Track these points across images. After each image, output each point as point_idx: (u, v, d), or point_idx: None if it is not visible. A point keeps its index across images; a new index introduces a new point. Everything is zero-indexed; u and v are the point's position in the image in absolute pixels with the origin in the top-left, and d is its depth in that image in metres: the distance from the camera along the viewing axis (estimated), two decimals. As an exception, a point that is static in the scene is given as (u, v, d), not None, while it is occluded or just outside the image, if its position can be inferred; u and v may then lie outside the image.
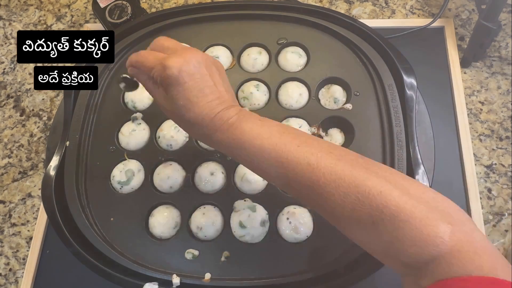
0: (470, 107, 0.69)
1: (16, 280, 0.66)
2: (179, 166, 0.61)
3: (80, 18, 0.86)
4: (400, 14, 0.78)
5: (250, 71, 0.67)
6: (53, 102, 0.79)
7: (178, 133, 0.62)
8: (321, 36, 0.67)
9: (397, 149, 0.57)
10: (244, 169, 0.59)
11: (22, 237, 0.69)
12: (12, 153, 0.76)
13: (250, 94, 0.63)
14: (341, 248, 0.54)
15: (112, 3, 0.75)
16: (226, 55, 0.68)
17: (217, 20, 0.71)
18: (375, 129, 0.60)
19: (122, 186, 0.60)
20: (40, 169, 0.74)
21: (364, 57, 0.64)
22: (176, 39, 0.69)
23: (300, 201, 0.56)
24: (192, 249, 0.56)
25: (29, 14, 0.89)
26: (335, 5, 0.80)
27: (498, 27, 0.64)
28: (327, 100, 0.64)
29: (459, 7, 0.77)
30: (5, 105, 0.80)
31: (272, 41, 0.68)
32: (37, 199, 0.71)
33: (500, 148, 0.66)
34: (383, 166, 0.40)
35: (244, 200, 0.58)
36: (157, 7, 0.85)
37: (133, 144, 0.63)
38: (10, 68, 0.84)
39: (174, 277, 0.54)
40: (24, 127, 0.78)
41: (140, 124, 0.64)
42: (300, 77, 0.65)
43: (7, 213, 0.71)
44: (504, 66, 0.71)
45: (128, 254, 0.56)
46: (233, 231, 0.57)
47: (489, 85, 0.70)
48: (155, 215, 0.58)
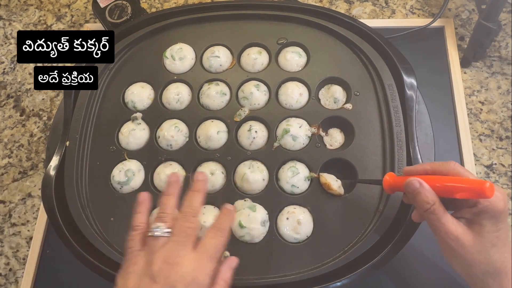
0: (470, 107, 0.69)
1: (16, 280, 0.66)
2: (179, 166, 0.61)
3: (80, 18, 0.86)
4: (400, 14, 0.78)
5: (250, 71, 0.67)
6: (53, 102, 0.79)
7: (178, 133, 0.62)
8: (321, 36, 0.67)
9: (397, 149, 0.57)
10: (244, 169, 0.59)
11: (22, 237, 0.69)
12: (12, 153, 0.76)
13: (250, 94, 0.64)
14: (341, 248, 0.54)
15: (112, 3, 0.75)
16: (226, 55, 0.68)
17: (217, 20, 0.71)
18: (375, 129, 0.60)
19: (122, 186, 0.60)
20: (40, 169, 0.74)
21: (364, 57, 0.64)
22: (176, 39, 0.70)
23: None
24: (192, 249, 0.56)
25: (29, 14, 0.89)
26: (335, 5, 0.80)
27: (498, 27, 0.64)
28: (327, 100, 0.64)
29: (459, 7, 0.77)
30: (5, 105, 0.80)
31: (272, 41, 0.68)
32: (37, 199, 0.71)
33: (500, 148, 0.66)
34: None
35: (244, 200, 0.58)
36: (157, 7, 0.85)
37: (133, 144, 0.63)
38: (10, 68, 0.84)
39: (174, 277, 0.54)
40: (24, 127, 0.78)
41: (140, 124, 0.64)
42: (300, 77, 0.65)
43: (7, 213, 0.71)
44: (504, 66, 0.71)
45: (128, 254, 0.56)
46: (233, 231, 0.56)
47: (489, 85, 0.70)
48: (155, 215, 0.58)
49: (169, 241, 0.41)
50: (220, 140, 0.62)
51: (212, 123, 0.63)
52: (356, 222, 0.55)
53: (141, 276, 0.40)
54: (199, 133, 0.63)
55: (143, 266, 0.40)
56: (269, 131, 0.62)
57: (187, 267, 0.40)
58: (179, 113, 0.65)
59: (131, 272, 0.40)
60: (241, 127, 0.63)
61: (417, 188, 0.43)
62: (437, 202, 0.42)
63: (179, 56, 0.68)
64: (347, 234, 0.55)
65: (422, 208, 0.43)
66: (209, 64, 0.67)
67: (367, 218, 0.55)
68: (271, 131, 0.62)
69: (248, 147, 0.61)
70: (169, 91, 0.66)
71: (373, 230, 0.54)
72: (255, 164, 0.59)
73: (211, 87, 0.65)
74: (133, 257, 0.42)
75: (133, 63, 0.70)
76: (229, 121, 0.63)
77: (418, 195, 0.43)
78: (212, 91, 0.64)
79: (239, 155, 0.61)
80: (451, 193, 0.42)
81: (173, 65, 0.68)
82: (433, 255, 0.59)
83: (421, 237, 0.53)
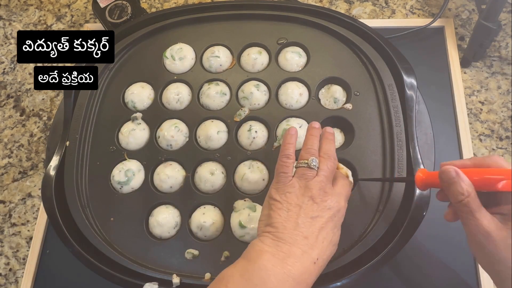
0: (470, 107, 0.69)
1: (16, 280, 0.66)
2: (179, 166, 0.61)
3: (80, 18, 0.86)
4: (400, 14, 0.78)
5: (250, 71, 0.67)
6: (53, 102, 0.79)
7: (178, 133, 0.62)
8: (321, 36, 0.67)
9: (397, 149, 0.57)
10: (244, 169, 0.59)
11: (22, 237, 0.69)
12: (12, 153, 0.76)
13: (250, 94, 0.64)
14: (341, 248, 0.54)
15: (112, 3, 0.75)
16: (226, 55, 0.68)
17: (217, 20, 0.71)
18: (375, 129, 0.60)
19: (122, 186, 0.60)
20: (40, 169, 0.74)
21: (364, 57, 0.64)
22: (176, 39, 0.70)
23: None
24: (192, 249, 0.56)
25: (29, 14, 0.89)
26: (335, 5, 0.80)
27: (498, 27, 0.64)
28: (327, 100, 0.64)
29: (459, 7, 0.77)
30: (5, 105, 0.80)
31: (272, 41, 0.68)
32: (37, 199, 0.71)
33: (500, 148, 0.66)
34: None
35: (244, 200, 0.58)
36: (157, 7, 0.85)
37: (133, 144, 0.63)
38: (10, 68, 0.84)
39: (174, 277, 0.54)
40: (24, 127, 0.78)
41: (140, 124, 0.64)
42: (300, 77, 0.65)
43: (7, 213, 0.71)
44: (504, 66, 0.71)
45: (128, 254, 0.56)
46: (233, 231, 0.57)
47: (489, 85, 0.70)
48: (155, 215, 0.58)
49: (319, 174, 0.47)
50: (220, 140, 0.62)
51: (212, 123, 0.63)
52: (356, 222, 0.55)
53: (301, 196, 0.46)
54: (199, 133, 0.63)
55: (301, 189, 0.46)
56: (269, 131, 0.62)
57: (337, 198, 0.46)
58: (179, 113, 0.65)
59: (292, 192, 0.46)
60: (241, 127, 0.63)
61: (453, 177, 0.41)
62: (472, 193, 0.40)
63: (179, 56, 0.68)
64: (347, 234, 0.54)
65: (455, 199, 0.41)
66: (209, 64, 0.67)
67: (367, 218, 0.55)
68: (271, 131, 0.62)
69: (248, 147, 0.61)
70: (169, 91, 0.66)
71: (373, 230, 0.54)
72: (255, 164, 0.60)
73: (211, 87, 0.65)
74: (289, 180, 0.47)
75: (133, 63, 0.70)
76: (229, 121, 0.63)
77: (453, 185, 0.41)
78: (212, 91, 0.65)
79: (239, 155, 0.61)
80: (491, 185, 0.40)
81: (173, 65, 0.68)
82: (433, 255, 0.60)
83: (421, 237, 0.54)
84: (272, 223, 0.45)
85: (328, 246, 0.45)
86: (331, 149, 0.50)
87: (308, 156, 0.49)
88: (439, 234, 0.59)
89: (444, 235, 0.58)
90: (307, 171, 0.47)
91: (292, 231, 0.44)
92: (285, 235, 0.44)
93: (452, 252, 0.58)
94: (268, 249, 0.43)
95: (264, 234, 0.45)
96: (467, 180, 0.41)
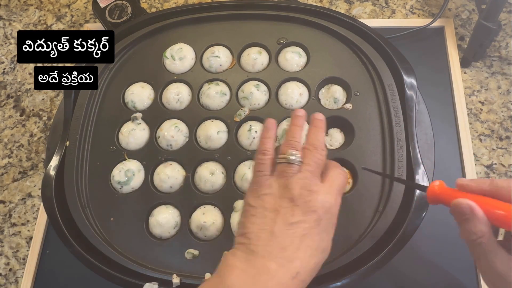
0: (470, 107, 0.69)
1: (16, 280, 0.66)
2: (179, 166, 0.61)
3: (80, 18, 0.87)
4: (400, 14, 0.78)
5: (250, 71, 0.67)
6: (53, 102, 0.79)
7: (178, 133, 0.62)
8: (321, 36, 0.67)
9: (397, 149, 0.57)
10: (244, 169, 0.59)
11: (22, 237, 0.69)
12: (12, 153, 0.76)
13: (250, 94, 0.64)
14: (341, 248, 0.54)
15: (112, 3, 0.75)
16: (226, 55, 0.68)
17: (217, 20, 0.71)
18: (375, 129, 0.60)
19: (122, 186, 0.60)
20: (40, 169, 0.74)
21: (364, 57, 0.64)
22: (176, 39, 0.70)
23: None
24: (192, 249, 0.56)
25: (29, 14, 0.89)
26: (335, 5, 0.80)
27: (498, 27, 0.64)
28: (327, 100, 0.64)
29: (459, 7, 0.77)
30: (5, 105, 0.80)
31: (272, 41, 0.68)
32: (37, 199, 0.71)
33: (500, 148, 0.66)
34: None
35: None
36: (157, 7, 0.85)
37: (133, 144, 0.63)
38: (10, 68, 0.84)
39: (174, 277, 0.54)
40: (24, 127, 0.78)
41: (140, 124, 0.64)
42: (300, 77, 0.65)
43: (7, 213, 0.71)
44: (504, 66, 0.71)
45: (128, 254, 0.56)
46: (233, 231, 0.56)
47: (489, 85, 0.70)
48: (155, 215, 0.58)
49: (302, 170, 0.41)
50: (220, 140, 0.62)
51: (212, 123, 0.63)
52: (356, 222, 0.55)
53: (279, 198, 0.40)
54: (199, 133, 0.63)
55: (280, 189, 0.40)
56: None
57: (324, 196, 0.40)
58: (179, 113, 0.65)
59: (268, 194, 0.40)
60: (241, 127, 0.63)
61: (466, 213, 0.36)
62: (487, 234, 0.35)
63: (179, 56, 0.68)
64: (347, 234, 0.55)
65: (467, 237, 0.36)
66: (209, 64, 0.67)
67: (367, 218, 0.55)
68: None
69: (248, 147, 0.61)
70: (169, 91, 0.66)
71: (373, 230, 0.54)
72: (255, 164, 0.60)
73: (211, 87, 0.65)
74: (265, 180, 0.41)
75: (133, 63, 0.70)
76: (229, 121, 0.63)
77: (466, 223, 0.36)
78: (212, 91, 0.65)
79: (239, 155, 0.61)
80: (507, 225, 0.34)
81: (173, 65, 0.68)
82: (433, 255, 0.60)
83: (421, 237, 0.53)
84: (245, 233, 0.39)
85: (313, 255, 0.39)
86: (319, 138, 0.44)
87: (287, 149, 0.42)
88: (439, 234, 0.59)
89: (444, 235, 0.58)
90: (287, 168, 0.41)
91: (266, 242, 0.38)
92: (258, 247, 0.38)
93: (452, 253, 0.58)
94: (239, 265, 0.37)
95: (237, 246, 0.40)
96: (482, 217, 0.35)
